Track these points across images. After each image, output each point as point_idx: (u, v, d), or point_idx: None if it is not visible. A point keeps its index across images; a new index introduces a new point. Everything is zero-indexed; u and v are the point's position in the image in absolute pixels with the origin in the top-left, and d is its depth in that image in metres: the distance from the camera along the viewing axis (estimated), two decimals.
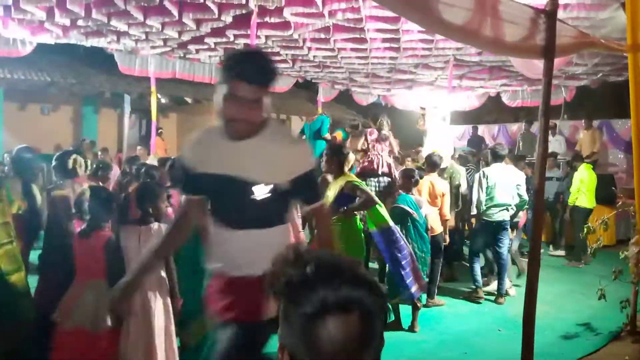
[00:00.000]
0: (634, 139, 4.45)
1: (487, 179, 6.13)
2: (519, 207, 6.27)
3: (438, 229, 6.01)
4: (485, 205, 6.14)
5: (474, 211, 6.41)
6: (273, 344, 1.87)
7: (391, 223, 4.87)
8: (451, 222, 6.59)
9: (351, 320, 0.87)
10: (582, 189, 8.00)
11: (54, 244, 4.15)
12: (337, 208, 4.64)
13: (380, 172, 6.56)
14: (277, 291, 0.94)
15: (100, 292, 3.56)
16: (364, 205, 4.73)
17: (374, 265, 6.61)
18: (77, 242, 3.68)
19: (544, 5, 3.55)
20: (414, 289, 4.87)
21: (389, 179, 6.67)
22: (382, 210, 4.87)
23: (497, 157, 6.21)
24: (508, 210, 6.14)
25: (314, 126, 7.41)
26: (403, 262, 4.81)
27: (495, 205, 6.09)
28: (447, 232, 6.20)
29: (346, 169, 4.89)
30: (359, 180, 4.91)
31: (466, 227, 7.86)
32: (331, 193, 4.72)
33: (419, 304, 5.19)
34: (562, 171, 9.38)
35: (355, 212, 4.78)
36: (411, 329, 5.20)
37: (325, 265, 0.92)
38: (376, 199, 4.78)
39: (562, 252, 8.68)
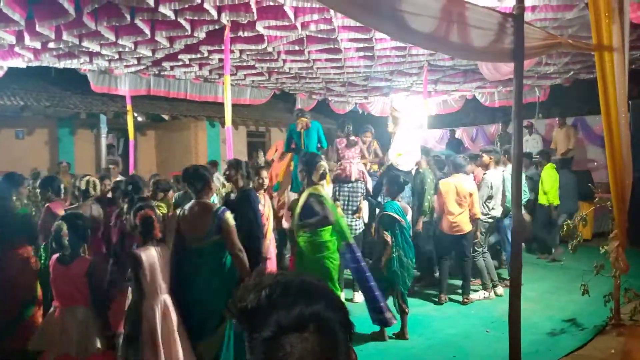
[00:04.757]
0: (605, 134, 4.53)
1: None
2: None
3: (466, 228, 6.21)
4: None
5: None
6: None
7: (351, 240, 4.82)
8: (418, 227, 6.69)
9: (309, 338, 0.86)
10: (542, 188, 8.18)
11: None
12: (301, 220, 4.67)
13: (353, 179, 6.57)
14: (236, 319, 0.93)
15: (83, 317, 3.56)
16: (317, 224, 4.65)
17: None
18: (57, 268, 3.64)
19: (511, 9, 3.62)
20: (388, 314, 4.82)
21: (363, 185, 6.70)
22: (343, 225, 4.82)
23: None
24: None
25: (312, 136, 6.77)
26: (372, 284, 4.81)
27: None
28: (479, 230, 6.41)
29: (315, 179, 4.76)
30: (322, 194, 4.74)
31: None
32: (299, 204, 4.73)
33: (406, 309, 5.20)
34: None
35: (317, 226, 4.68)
36: (401, 336, 5.18)
37: (279, 287, 0.91)
38: (331, 217, 4.65)
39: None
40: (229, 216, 3.82)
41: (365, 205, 7.11)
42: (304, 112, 6.88)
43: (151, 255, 3.64)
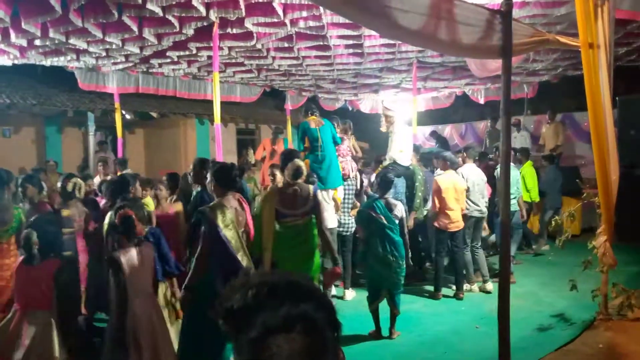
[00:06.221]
0: (592, 131, 4.56)
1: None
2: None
3: (462, 223, 6.41)
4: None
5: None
6: None
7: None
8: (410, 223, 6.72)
9: (296, 338, 0.85)
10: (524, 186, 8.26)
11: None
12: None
13: (352, 176, 6.60)
14: (222, 320, 0.91)
15: (45, 322, 3.42)
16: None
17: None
18: (21, 270, 3.49)
19: (499, 5, 3.63)
20: None
21: (356, 182, 6.74)
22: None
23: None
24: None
25: (327, 133, 6.41)
26: None
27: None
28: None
29: (288, 177, 4.54)
30: (261, 205, 4.52)
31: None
32: None
33: (396, 311, 5.19)
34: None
35: None
36: (389, 335, 5.19)
37: (266, 287, 0.90)
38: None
39: (546, 247, 8.70)
40: None
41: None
42: (314, 108, 6.67)
43: (131, 257, 3.57)
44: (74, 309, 3.64)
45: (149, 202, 5.46)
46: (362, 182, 7.34)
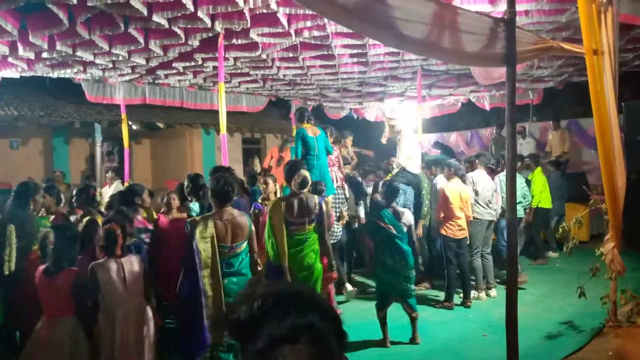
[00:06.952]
0: (597, 137, 4.55)
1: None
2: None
3: (467, 231, 6.41)
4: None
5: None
6: None
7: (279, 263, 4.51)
8: (419, 231, 6.75)
9: (302, 349, 0.86)
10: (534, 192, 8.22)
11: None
12: None
13: (336, 186, 6.63)
14: (229, 332, 0.92)
15: (73, 328, 3.53)
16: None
17: None
18: (43, 280, 3.59)
19: (502, 13, 3.64)
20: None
21: (343, 191, 6.76)
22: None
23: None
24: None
25: (322, 142, 6.48)
26: None
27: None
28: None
29: (295, 187, 4.61)
30: (270, 212, 4.59)
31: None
32: None
33: (414, 314, 5.18)
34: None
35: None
36: (412, 341, 5.18)
37: (272, 298, 0.91)
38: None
39: (555, 254, 8.64)
40: None
41: (361, 210, 7.14)
42: (310, 115, 6.70)
43: (109, 269, 3.60)
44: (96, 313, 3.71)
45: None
46: (364, 190, 7.42)
